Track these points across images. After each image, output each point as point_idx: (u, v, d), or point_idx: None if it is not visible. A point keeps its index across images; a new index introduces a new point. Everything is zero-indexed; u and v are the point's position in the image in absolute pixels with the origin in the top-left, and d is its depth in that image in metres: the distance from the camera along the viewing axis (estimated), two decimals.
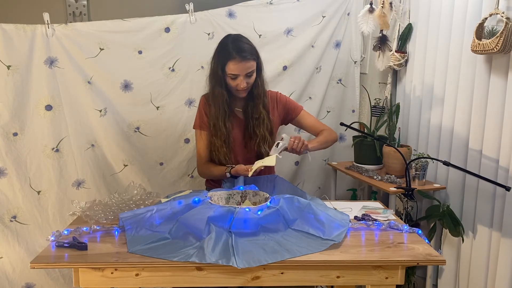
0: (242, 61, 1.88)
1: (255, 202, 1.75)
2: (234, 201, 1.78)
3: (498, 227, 1.97)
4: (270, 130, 2.06)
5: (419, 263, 1.45)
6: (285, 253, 1.42)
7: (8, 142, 2.25)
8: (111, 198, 1.81)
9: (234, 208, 1.53)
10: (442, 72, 2.30)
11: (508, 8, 1.88)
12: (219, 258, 1.37)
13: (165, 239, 1.49)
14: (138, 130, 2.47)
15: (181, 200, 1.60)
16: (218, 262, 1.35)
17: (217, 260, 1.36)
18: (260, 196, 1.75)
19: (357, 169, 2.53)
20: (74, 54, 2.29)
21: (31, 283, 2.37)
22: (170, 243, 1.47)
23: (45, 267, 1.41)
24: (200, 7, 2.45)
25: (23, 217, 2.33)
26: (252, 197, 1.77)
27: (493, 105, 1.97)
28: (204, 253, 1.38)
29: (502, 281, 1.94)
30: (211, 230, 1.47)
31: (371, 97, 2.73)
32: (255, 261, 1.37)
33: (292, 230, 1.55)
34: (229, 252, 1.40)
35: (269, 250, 1.43)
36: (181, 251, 1.42)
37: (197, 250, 1.41)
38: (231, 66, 1.88)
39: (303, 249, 1.45)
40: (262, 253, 1.41)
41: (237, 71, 1.89)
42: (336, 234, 1.52)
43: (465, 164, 2.14)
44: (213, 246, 1.40)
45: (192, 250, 1.42)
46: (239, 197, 1.78)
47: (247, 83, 1.93)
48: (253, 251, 1.42)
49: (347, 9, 2.71)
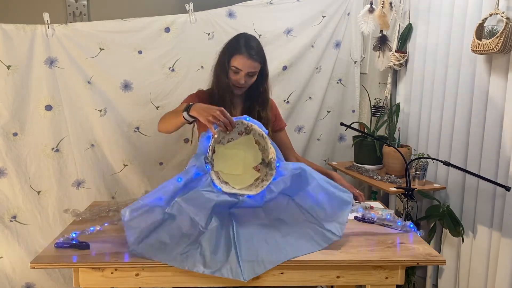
0: (248, 59, 1.89)
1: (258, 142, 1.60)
2: (237, 130, 1.59)
3: (498, 227, 1.97)
4: None
5: (419, 263, 1.45)
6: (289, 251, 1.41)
7: (8, 142, 2.25)
8: None
9: (237, 197, 1.47)
10: (442, 72, 2.30)
11: (508, 8, 1.88)
12: (222, 264, 1.35)
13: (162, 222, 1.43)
14: (138, 130, 2.47)
15: (181, 177, 1.48)
16: (223, 274, 1.34)
17: (221, 268, 1.34)
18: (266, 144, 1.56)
19: (357, 169, 2.53)
20: (74, 54, 2.29)
21: (31, 283, 2.37)
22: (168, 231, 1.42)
23: (45, 267, 1.41)
24: (200, 7, 2.45)
25: (23, 217, 2.33)
26: (257, 135, 1.59)
27: (493, 105, 1.97)
28: (205, 259, 1.36)
29: (502, 281, 1.94)
30: (211, 219, 1.43)
31: (371, 97, 2.74)
32: (260, 265, 1.37)
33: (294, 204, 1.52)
34: (231, 253, 1.38)
35: (272, 245, 1.42)
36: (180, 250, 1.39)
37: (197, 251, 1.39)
38: (237, 60, 1.90)
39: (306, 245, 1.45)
40: (265, 252, 1.40)
41: (241, 66, 1.89)
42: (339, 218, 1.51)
43: (465, 164, 2.14)
44: (215, 245, 1.39)
45: (192, 249, 1.39)
46: (243, 128, 1.59)
47: (245, 82, 1.94)
48: (257, 249, 1.41)
49: (347, 9, 2.71)
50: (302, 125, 2.76)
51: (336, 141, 2.91)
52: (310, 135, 2.80)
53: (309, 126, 2.78)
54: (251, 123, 1.58)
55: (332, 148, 2.91)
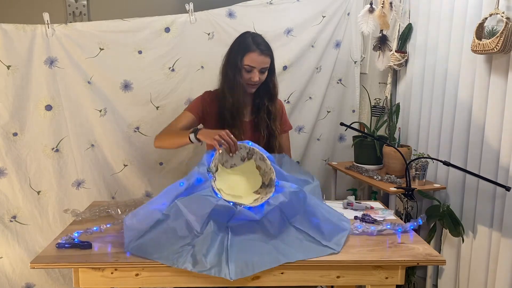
0: (260, 55, 1.90)
1: (259, 167, 1.67)
2: (239, 155, 1.68)
3: (498, 227, 1.97)
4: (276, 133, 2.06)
5: (419, 263, 1.45)
6: (281, 257, 1.41)
7: (8, 142, 2.25)
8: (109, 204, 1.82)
9: (235, 206, 1.49)
10: (442, 72, 2.30)
11: (508, 8, 1.88)
12: (212, 265, 1.35)
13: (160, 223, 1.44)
14: (138, 130, 2.47)
15: (183, 181, 1.52)
16: (211, 273, 1.34)
17: (210, 268, 1.35)
18: (267, 167, 1.64)
19: (357, 169, 2.53)
20: (74, 54, 2.29)
21: (31, 283, 2.37)
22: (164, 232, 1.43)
23: (45, 267, 1.41)
24: (200, 7, 2.45)
25: (23, 217, 2.33)
26: (258, 159, 1.67)
27: (493, 105, 1.97)
28: (196, 258, 1.37)
29: (502, 281, 1.94)
30: (208, 225, 1.43)
31: (371, 97, 2.74)
32: (248, 268, 1.37)
33: (292, 227, 1.52)
34: (222, 257, 1.38)
35: (265, 252, 1.42)
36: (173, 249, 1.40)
37: (189, 252, 1.39)
38: (249, 57, 1.90)
39: (300, 254, 1.43)
40: (257, 257, 1.40)
41: (254, 63, 1.90)
42: (336, 239, 1.51)
43: (465, 164, 2.14)
44: (207, 248, 1.39)
45: (185, 249, 1.40)
46: (245, 153, 1.69)
47: (259, 79, 1.94)
48: (248, 254, 1.40)
49: (347, 9, 2.71)
50: (302, 125, 2.76)
51: (336, 141, 2.91)
52: (310, 135, 2.80)
53: (309, 126, 2.78)
54: (253, 147, 1.68)
55: (332, 148, 2.91)
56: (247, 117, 2.06)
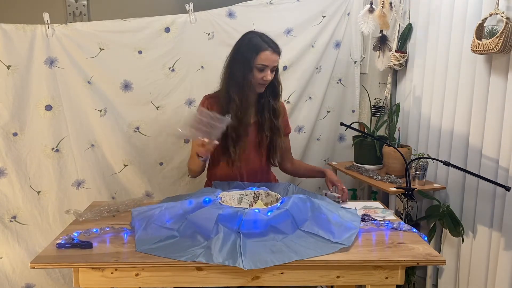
0: (273, 53, 1.89)
1: (267, 203, 1.74)
2: (247, 201, 1.77)
3: (498, 227, 1.97)
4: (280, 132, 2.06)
5: (419, 263, 1.45)
6: (293, 254, 1.41)
7: (8, 142, 2.25)
8: None
9: (243, 209, 1.53)
10: (442, 72, 2.30)
11: (508, 8, 1.88)
12: (226, 258, 1.36)
13: (173, 237, 1.49)
14: (138, 130, 2.47)
15: (192, 200, 1.60)
16: (225, 263, 1.35)
17: (223, 260, 1.35)
18: (272, 197, 1.75)
19: (357, 169, 2.53)
20: (74, 54, 2.29)
21: (31, 283, 2.37)
22: (178, 242, 1.47)
23: (45, 267, 1.41)
24: (200, 7, 2.45)
25: (23, 217, 2.33)
26: (264, 197, 1.77)
27: (493, 105, 1.97)
28: (211, 253, 1.38)
29: (502, 281, 1.94)
30: (219, 230, 1.46)
31: (371, 97, 2.74)
32: (261, 262, 1.37)
33: (301, 231, 1.54)
34: (236, 252, 1.39)
35: (276, 251, 1.43)
36: (189, 250, 1.41)
37: (204, 250, 1.41)
38: (263, 56, 1.88)
39: (311, 251, 1.44)
40: (269, 254, 1.41)
41: (268, 62, 1.88)
42: (346, 237, 1.51)
43: (465, 164, 2.14)
44: (220, 247, 1.40)
45: (199, 249, 1.42)
46: (252, 197, 1.78)
47: (271, 77, 1.93)
48: (261, 252, 1.41)
49: (347, 9, 2.70)
50: (302, 125, 2.76)
51: (336, 141, 2.91)
52: (310, 135, 2.80)
53: (309, 126, 2.78)
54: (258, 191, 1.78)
55: (332, 148, 2.91)
56: (252, 118, 2.05)
